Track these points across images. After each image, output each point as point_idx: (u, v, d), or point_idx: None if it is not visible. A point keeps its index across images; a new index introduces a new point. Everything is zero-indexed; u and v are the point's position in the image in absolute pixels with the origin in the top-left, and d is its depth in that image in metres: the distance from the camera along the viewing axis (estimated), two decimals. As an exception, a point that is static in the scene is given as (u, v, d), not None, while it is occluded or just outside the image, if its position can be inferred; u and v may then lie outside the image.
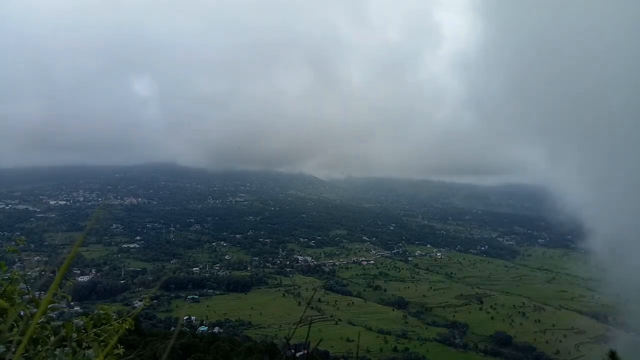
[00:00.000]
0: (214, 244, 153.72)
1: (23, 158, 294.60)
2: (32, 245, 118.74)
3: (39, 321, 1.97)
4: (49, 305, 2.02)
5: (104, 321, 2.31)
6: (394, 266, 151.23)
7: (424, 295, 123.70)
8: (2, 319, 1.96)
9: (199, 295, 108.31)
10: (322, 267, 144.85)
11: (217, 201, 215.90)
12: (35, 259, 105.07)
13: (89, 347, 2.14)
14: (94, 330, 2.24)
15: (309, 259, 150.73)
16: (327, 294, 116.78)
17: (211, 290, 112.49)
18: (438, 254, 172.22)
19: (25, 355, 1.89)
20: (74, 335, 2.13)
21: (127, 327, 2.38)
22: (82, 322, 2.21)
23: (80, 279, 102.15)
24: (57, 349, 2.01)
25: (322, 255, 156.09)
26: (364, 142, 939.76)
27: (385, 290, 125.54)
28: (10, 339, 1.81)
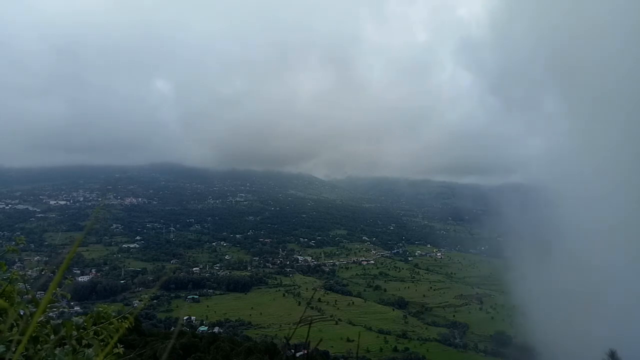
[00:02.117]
0: (214, 244, 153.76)
1: (25, 158, 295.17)
2: (32, 245, 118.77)
3: (39, 320, 1.97)
4: (49, 305, 1.99)
5: (103, 319, 2.30)
6: (394, 266, 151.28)
7: (424, 295, 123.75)
8: (2, 319, 1.95)
9: (199, 295, 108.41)
10: (322, 267, 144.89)
11: (217, 201, 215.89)
12: (35, 259, 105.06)
13: (89, 346, 2.14)
14: (94, 328, 2.24)
15: (309, 259, 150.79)
16: (327, 294, 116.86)
17: (211, 290, 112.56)
18: (438, 254, 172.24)
19: (25, 354, 1.88)
20: (74, 333, 2.12)
21: (127, 325, 2.36)
22: (81, 320, 2.20)
23: (80, 279, 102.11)
24: (57, 348, 2.01)
25: (322, 255, 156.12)
26: (366, 142, 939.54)
27: (385, 290, 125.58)
28: (10, 338, 1.80)
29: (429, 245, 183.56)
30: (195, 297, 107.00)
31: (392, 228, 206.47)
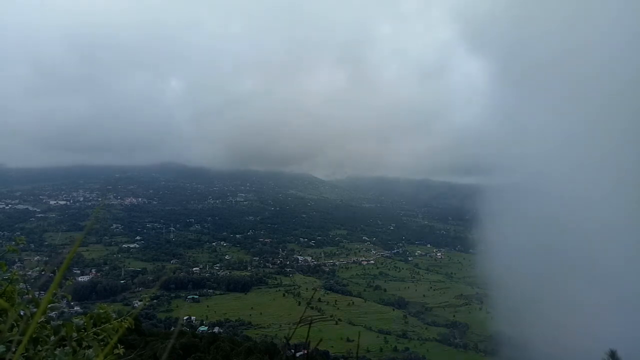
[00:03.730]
0: (214, 244, 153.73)
1: (25, 158, 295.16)
2: (32, 245, 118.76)
3: (39, 321, 1.96)
4: (49, 305, 2.00)
5: (103, 320, 2.30)
6: (394, 266, 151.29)
7: (424, 295, 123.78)
8: (2, 319, 1.95)
9: (199, 295, 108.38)
10: (322, 267, 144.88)
11: (217, 201, 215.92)
12: (35, 259, 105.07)
13: (89, 347, 2.13)
14: (94, 329, 2.23)
15: (309, 259, 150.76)
16: (327, 293, 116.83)
17: (211, 290, 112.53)
18: (438, 254, 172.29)
19: (25, 355, 1.88)
20: (74, 334, 2.12)
21: (127, 326, 2.36)
22: (82, 322, 2.19)
23: (80, 279, 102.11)
24: (57, 348, 2.01)
25: (322, 255, 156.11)
26: (369, 142, 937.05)
27: (385, 290, 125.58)
28: (11, 338, 1.79)
29: (429, 245, 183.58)
30: (195, 297, 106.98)
31: (392, 228, 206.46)
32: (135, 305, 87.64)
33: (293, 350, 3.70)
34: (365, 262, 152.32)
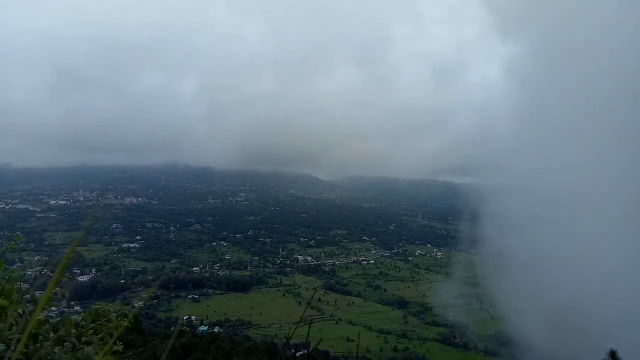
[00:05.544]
0: (214, 243, 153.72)
1: (25, 158, 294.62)
2: (32, 245, 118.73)
3: (38, 319, 1.95)
4: (48, 304, 1.92)
5: (101, 317, 2.30)
6: (394, 266, 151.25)
7: (424, 295, 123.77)
8: (1, 318, 1.97)
9: (199, 295, 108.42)
10: (322, 266, 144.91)
11: (217, 201, 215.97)
12: (35, 258, 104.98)
13: (88, 344, 2.13)
14: (93, 325, 2.24)
15: (309, 258, 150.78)
16: (327, 293, 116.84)
17: (211, 290, 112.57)
18: (438, 254, 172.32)
19: (25, 352, 1.89)
20: (73, 331, 2.13)
21: (126, 324, 2.35)
22: (80, 318, 2.20)
23: (80, 279, 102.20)
24: (57, 346, 2.01)
25: (322, 255, 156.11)
26: (368, 142, 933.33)
27: (385, 290, 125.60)
28: (10, 337, 1.80)
29: (429, 245, 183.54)
30: (195, 296, 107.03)
31: (392, 228, 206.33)
32: (135, 305, 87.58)
33: (293, 350, 3.70)
34: (365, 262, 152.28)
